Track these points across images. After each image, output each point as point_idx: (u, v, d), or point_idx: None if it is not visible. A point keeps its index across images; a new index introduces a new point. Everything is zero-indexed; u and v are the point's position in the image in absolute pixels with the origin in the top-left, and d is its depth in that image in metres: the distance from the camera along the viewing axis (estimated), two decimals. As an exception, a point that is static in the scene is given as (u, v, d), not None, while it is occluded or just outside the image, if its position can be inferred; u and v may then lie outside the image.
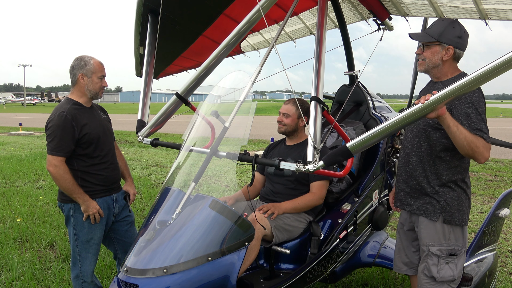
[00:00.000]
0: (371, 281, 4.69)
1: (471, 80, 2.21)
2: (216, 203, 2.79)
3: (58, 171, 3.35)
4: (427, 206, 3.13)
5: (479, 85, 2.27)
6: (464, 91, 2.28)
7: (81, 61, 3.51)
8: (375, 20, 4.60)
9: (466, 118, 2.82)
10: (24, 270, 4.91)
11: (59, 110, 3.44)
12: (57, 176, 3.37)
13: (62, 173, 3.36)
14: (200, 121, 3.42)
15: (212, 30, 4.96)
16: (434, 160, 3.07)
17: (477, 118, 2.82)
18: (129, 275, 2.55)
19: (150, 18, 4.22)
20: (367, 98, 4.58)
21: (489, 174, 11.37)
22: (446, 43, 2.97)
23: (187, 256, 2.58)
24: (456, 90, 2.27)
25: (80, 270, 3.58)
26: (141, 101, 4.13)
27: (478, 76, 2.18)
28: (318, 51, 2.99)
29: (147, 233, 2.75)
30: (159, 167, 12.24)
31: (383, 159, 4.36)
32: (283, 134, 3.91)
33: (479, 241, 3.94)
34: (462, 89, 2.25)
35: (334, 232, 3.63)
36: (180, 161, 3.18)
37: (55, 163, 3.35)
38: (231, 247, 2.71)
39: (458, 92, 2.27)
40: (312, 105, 2.79)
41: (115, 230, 3.82)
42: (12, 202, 7.92)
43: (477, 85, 2.25)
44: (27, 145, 17.65)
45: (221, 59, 3.37)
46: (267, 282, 3.20)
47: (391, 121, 2.46)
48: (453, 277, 3.10)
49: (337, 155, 2.60)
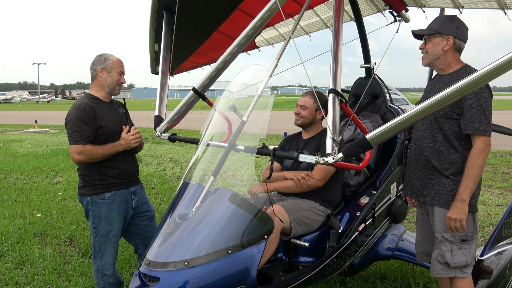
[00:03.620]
0: (389, 274, 4.67)
1: (485, 74, 2.19)
2: (235, 196, 2.80)
3: (84, 155, 3.43)
4: (440, 196, 3.19)
5: (495, 77, 2.25)
6: (483, 82, 2.26)
7: (101, 57, 3.63)
8: (391, 12, 4.57)
9: (468, 108, 2.98)
10: (45, 264, 5.00)
11: (78, 103, 3.53)
12: (86, 159, 3.46)
13: (89, 153, 3.44)
14: (218, 116, 3.42)
15: (226, 26, 4.96)
16: (448, 150, 3.14)
17: (478, 109, 2.96)
18: (150, 268, 2.57)
19: (165, 15, 4.24)
20: (383, 90, 4.55)
21: (506, 167, 11.22)
22: (445, 34, 3.12)
23: (208, 249, 2.59)
24: (475, 81, 2.25)
25: (100, 263, 3.64)
26: (158, 97, 4.17)
27: (495, 67, 2.16)
28: (335, 43, 2.99)
29: (168, 226, 2.76)
30: (174, 163, 12.31)
31: (400, 151, 4.34)
32: (300, 127, 3.90)
33: (498, 234, 3.90)
34: (480, 80, 2.24)
35: (352, 225, 3.62)
36: (199, 156, 3.19)
37: (78, 150, 3.42)
38: (251, 240, 2.71)
39: (479, 81, 2.25)
40: (330, 98, 2.80)
41: (136, 225, 3.87)
42: (31, 198, 8.06)
43: (494, 77, 2.23)
44: (43, 142, 17.89)
45: (237, 54, 3.37)
46: (287, 275, 3.21)
47: (410, 113, 2.45)
48: (466, 262, 3.16)
49: (356, 147, 2.59)
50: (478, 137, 2.99)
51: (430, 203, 3.26)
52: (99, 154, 3.47)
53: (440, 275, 3.26)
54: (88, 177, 3.58)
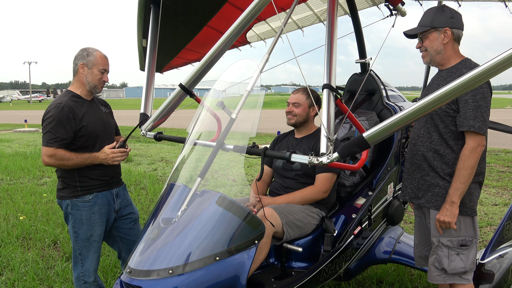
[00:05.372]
0: (385, 278, 4.51)
1: (486, 70, 2.02)
2: (223, 199, 2.63)
3: (55, 159, 3.21)
4: (436, 198, 3.03)
5: (497, 74, 2.08)
6: (485, 79, 2.09)
7: (84, 52, 3.40)
8: (387, 5, 4.40)
9: (463, 104, 2.83)
10: (26, 270, 4.78)
11: (57, 102, 3.30)
12: (56, 163, 3.25)
13: (60, 158, 3.22)
14: (205, 113, 3.25)
15: (217, 20, 4.80)
16: (444, 149, 2.98)
17: (474, 105, 2.81)
18: (132, 277, 2.41)
19: (152, 9, 4.07)
20: (380, 87, 4.39)
21: (501, 165, 11.15)
22: (441, 27, 2.96)
23: (194, 256, 2.43)
24: (474, 79, 2.08)
25: (81, 269, 3.44)
26: (144, 94, 4.00)
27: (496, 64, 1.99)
28: (329, 37, 2.82)
29: (151, 231, 2.60)
30: (165, 162, 12.13)
31: (397, 150, 4.19)
32: (293, 126, 3.72)
33: (499, 236, 3.75)
34: (481, 76, 2.07)
35: (348, 228, 3.46)
36: (185, 155, 3.02)
37: (49, 153, 3.20)
38: (240, 245, 2.55)
39: (477, 79, 2.08)
40: (325, 93, 2.62)
41: (119, 228, 3.67)
42: (16, 200, 7.82)
43: (495, 74, 2.06)
44: (32, 141, 17.64)
45: (226, 49, 3.20)
46: (279, 282, 3.05)
47: (409, 110, 2.27)
48: (465, 268, 3.00)
49: (353, 146, 2.42)
50: (471, 135, 2.83)
51: (425, 206, 3.11)
52: (70, 163, 3.25)
53: (438, 282, 3.10)
54: (67, 179, 3.36)
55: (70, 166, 3.28)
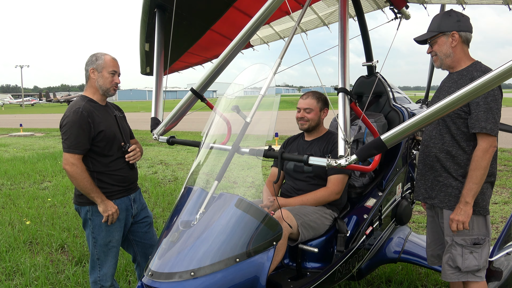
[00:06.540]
0: (394, 277, 4.58)
1: (498, 75, 2.08)
2: (242, 201, 2.66)
3: (76, 169, 3.22)
4: (449, 198, 3.09)
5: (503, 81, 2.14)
6: (496, 83, 2.15)
7: (93, 57, 3.44)
8: (391, 8, 4.47)
9: (475, 106, 2.89)
10: (37, 275, 4.79)
11: (75, 107, 3.31)
12: (74, 175, 3.23)
13: (80, 172, 3.23)
14: (219, 118, 3.29)
15: (220, 24, 4.84)
16: (457, 151, 3.04)
17: (485, 107, 2.87)
18: (154, 279, 2.43)
19: (157, 14, 4.10)
20: (386, 89, 4.44)
21: (499, 164, 11.21)
22: (448, 30, 3.03)
23: (214, 258, 2.45)
24: (487, 83, 2.13)
25: (99, 274, 3.46)
26: (154, 99, 4.04)
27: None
28: (342, 39, 2.88)
29: (171, 234, 2.62)
30: (164, 165, 12.12)
31: (405, 151, 4.25)
32: (306, 131, 3.77)
33: (507, 234, 3.82)
34: (493, 80, 2.13)
35: (360, 229, 3.51)
36: (201, 160, 3.05)
37: (72, 161, 3.22)
38: (259, 247, 2.58)
39: (490, 83, 2.14)
40: (340, 97, 2.69)
41: (134, 232, 3.69)
42: (19, 204, 7.81)
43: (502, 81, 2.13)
44: (29, 146, 17.53)
45: (236, 53, 3.25)
46: (295, 282, 3.09)
47: (426, 113, 2.33)
48: (478, 266, 3.07)
49: (371, 149, 2.48)
50: (483, 137, 2.89)
51: (438, 206, 3.16)
52: (83, 182, 3.24)
53: (452, 280, 3.16)
54: None
55: (79, 186, 3.27)
